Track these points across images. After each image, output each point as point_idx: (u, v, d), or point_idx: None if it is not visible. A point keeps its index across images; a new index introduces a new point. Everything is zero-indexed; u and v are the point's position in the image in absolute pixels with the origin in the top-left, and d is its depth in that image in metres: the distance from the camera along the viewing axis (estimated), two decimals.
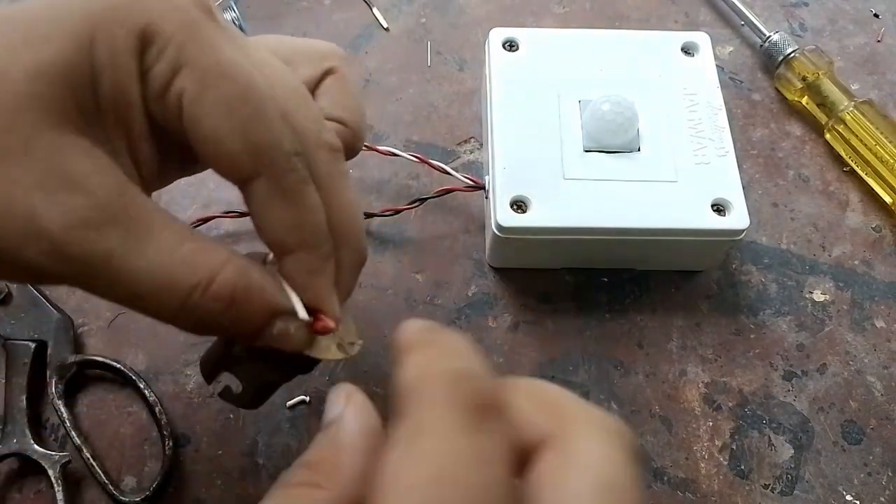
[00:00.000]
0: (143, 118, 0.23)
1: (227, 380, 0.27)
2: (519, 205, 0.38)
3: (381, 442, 0.18)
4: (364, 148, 0.41)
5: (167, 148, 0.24)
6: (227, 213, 0.41)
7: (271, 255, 0.25)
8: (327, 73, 0.28)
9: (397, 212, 0.42)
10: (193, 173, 0.29)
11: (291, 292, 0.25)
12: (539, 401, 0.18)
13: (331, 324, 0.25)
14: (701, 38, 0.44)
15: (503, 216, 0.37)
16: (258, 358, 0.26)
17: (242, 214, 0.41)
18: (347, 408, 0.19)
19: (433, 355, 0.18)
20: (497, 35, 0.43)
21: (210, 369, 0.27)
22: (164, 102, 0.22)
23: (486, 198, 0.41)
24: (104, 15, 0.21)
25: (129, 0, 0.22)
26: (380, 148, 0.42)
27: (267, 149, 0.23)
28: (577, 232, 0.38)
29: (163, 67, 0.22)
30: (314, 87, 0.28)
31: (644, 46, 0.43)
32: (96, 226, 0.21)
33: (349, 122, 0.28)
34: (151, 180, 0.25)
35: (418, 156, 0.42)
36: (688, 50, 0.43)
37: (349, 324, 0.29)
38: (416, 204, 0.42)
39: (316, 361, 0.27)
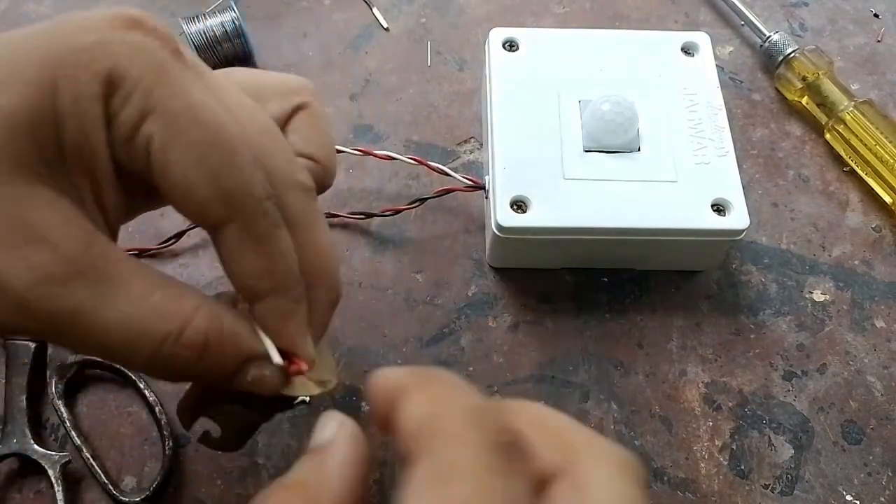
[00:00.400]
0: (109, 164, 0.22)
1: (206, 424, 0.27)
2: (519, 205, 0.38)
3: (368, 474, 0.18)
4: (360, 152, 0.42)
5: (134, 189, 0.24)
6: None
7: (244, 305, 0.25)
8: (298, 108, 0.28)
9: (397, 212, 0.42)
10: (160, 207, 0.28)
11: (264, 336, 0.24)
12: (546, 431, 0.18)
13: (304, 366, 0.25)
14: (701, 38, 0.44)
15: (503, 216, 0.37)
16: (236, 400, 0.26)
17: None
18: (339, 434, 0.19)
19: (439, 392, 0.18)
20: (497, 35, 0.43)
21: (188, 415, 0.27)
22: (131, 148, 0.21)
23: (486, 198, 0.41)
24: (67, 59, 0.20)
25: (93, 43, 0.21)
26: (377, 152, 0.42)
27: (238, 195, 0.22)
28: (577, 232, 0.38)
29: (130, 113, 0.21)
30: (284, 123, 0.28)
31: (644, 46, 0.43)
32: (62, 281, 0.20)
33: (320, 160, 0.28)
34: (118, 222, 0.24)
35: (416, 158, 0.42)
36: (688, 50, 0.43)
37: (327, 358, 0.28)
38: (416, 204, 0.42)
39: (295, 398, 0.27)
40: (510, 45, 0.43)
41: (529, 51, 0.43)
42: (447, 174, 0.41)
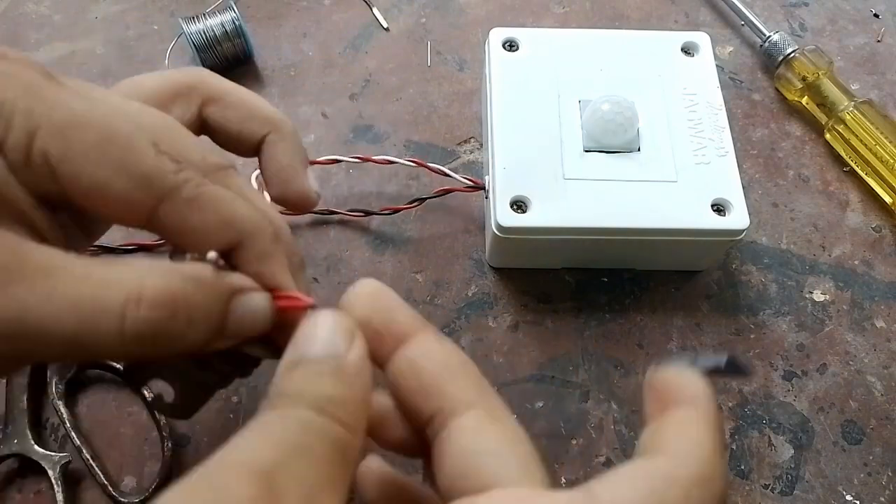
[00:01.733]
0: (22, 193, 0.21)
1: (158, 388, 0.25)
2: (519, 205, 0.38)
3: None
4: (359, 159, 0.42)
5: (73, 215, 0.23)
6: None
7: (211, 253, 0.23)
8: (204, 106, 0.27)
9: (396, 211, 0.42)
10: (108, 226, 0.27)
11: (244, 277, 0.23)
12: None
13: (307, 299, 0.24)
14: (701, 38, 0.44)
15: (503, 216, 0.37)
16: (192, 362, 0.25)
17: None
18: (354, 344, 0.21)
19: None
20: (497, 35, 0.43)
21: (138, 373, 0.25)
22: (33, 171, 0.21)
23: (486, 198, 0.41)
24: None
25: None
26: (376, 158, 0.42)
27: (154, 174, 0.22)
28: (577, 232, 0.38)
29: (17, 137, 0.21)
30: (205, 130, 0.27)
31: (644, 46, 0.43)
32: None
33: (270, 126, 0.28)
34: (69, 242, 0.24)
35: (416, 161, 0.41)
36: (688, 50, 0.43)
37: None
38: (415, 203, 0.42)
39: (255, 363, 0.26)
40: (510, 45, 0.43)
41: (529, 51, 0.43)
42: (447, 175, 0.41)
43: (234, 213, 0.23)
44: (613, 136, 0.39)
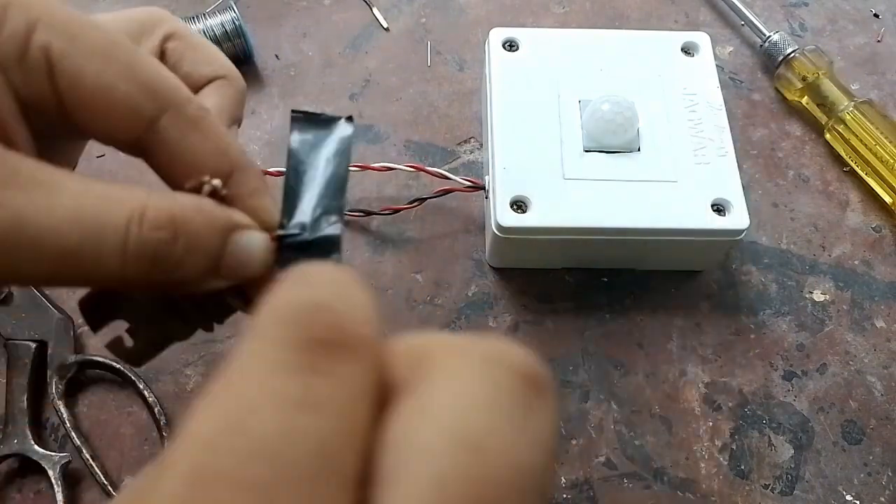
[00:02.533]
0: (6, 94, 0.20)
1: (115, 331, 0.23)
2: (519, 205, 0.38)
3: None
4: (359, 167, 0.42)
5: (42, 125, 0.22)
6: None
7: (207, 186, 0.22)
8: (165, 41, 0.26)
9: (396, 211, 0.42)
10: (81, 140, 0.26)
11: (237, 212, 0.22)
12: (411, 348, 0.15)
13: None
14: (701, 38, 0.44)
15: (503, 216, 0.37)
16: (156, 298, 0.23)
17: None
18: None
19: (293, 287, 0.14)
20: (497, 35, 0.43)
21: (98, 312, 0.23)
22: (25, 66, 0.20)
23: (486, 198, 0.41)
24: None
25: None
26: (374, 165, 0.41)
27: (160, 82, 0.21)
28: (577, 232, 0.38)
29: (13, 27, 0.19)
30: (161, 55, 0.26)
31: (644, 46, 0.43)
32: None
33: (222, 72, 0.26)
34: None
35: (414, 166, 0.41)
36: (688, 50, 0.43)
37: None
38: (415, 203, 0.42)
39: (221, 318, 0.24)
40: (510, 45, 0.43)
41: (529, 51, 0.43)
42: (446, 177, 0.41)
43: (228, 143, 0.22)
44: (613, 136, 0.39)
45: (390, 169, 0.42)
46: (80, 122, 0.21)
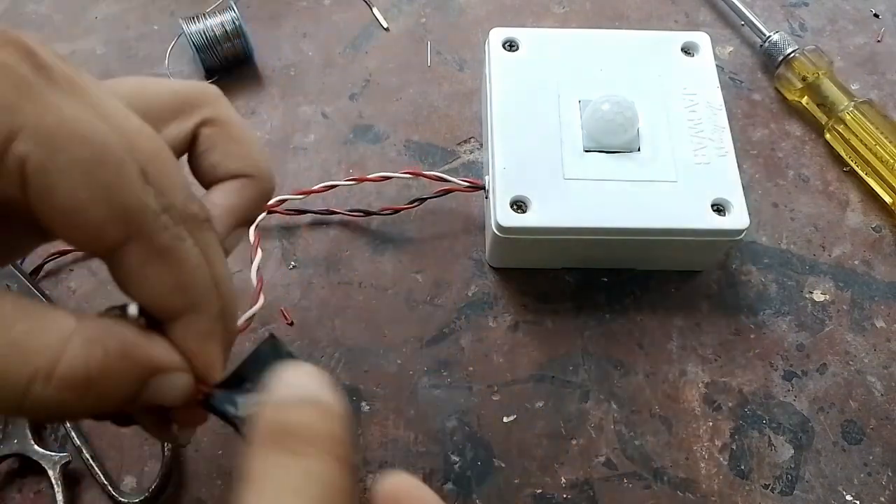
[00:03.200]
0: None
1: None
2: (519, 205, 0.38)
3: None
4: (355, 181, 0.41)
5: (8, 218, 0.21)
6: None
7: (133, 307, 0.21)
8: (202, 125, 0.24)
9: (396, 211, 0.42)
10: (39, 244, 0.24)
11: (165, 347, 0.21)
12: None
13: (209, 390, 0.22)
14: (701, 38, 0.44)
15: (503, 216, 0.37)
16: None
17: None
18: (329, 392, 0.19)
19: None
20: (497, 35, 0.43)
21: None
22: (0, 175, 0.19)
23: (487, 198, 0.41)
24: None
25: None
26: (370, 176, 0.41)
27: (136, 209, 0.19)
28: (577, 232, 0.38)
29: None
30: (190, 146, 0.25)
31: (644, 46, 0.43)
32: None
33: (251, 172, 0.25)
34: None
35: (412, 171, 0.41)
36: (688, 50, 0.43)
37: None
38: (415, 203, 0.42)
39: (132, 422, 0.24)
40: (510, 45, 0.43)
41: (529, 51, 0.43)
42: (444, 180, 0.41)
43: (193, 280, 0.21)
44: (613, 136, 0.39)
45: (387, 178, 0.41)
46: (46, 227, 0.20)
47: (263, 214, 0.41)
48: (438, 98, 0.47)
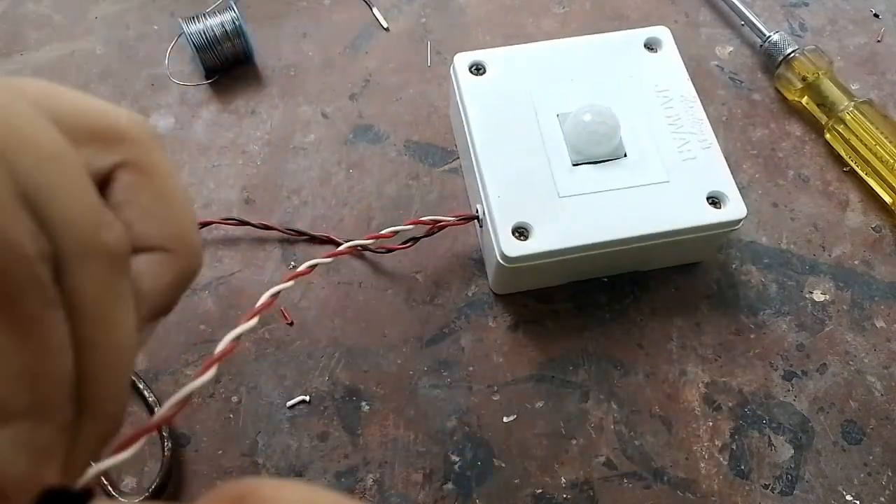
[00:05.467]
0: None
1: None
2: (521, 231, 0.37)
3: None
4: (348, 244, 0.37)
5: None
6: (226, 221, 0.41)
7: None
8: (121, 166, 0.18)
9: (390, 250, 0.41)
10: None
11: None
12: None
13: None
14: (661, 33, 0.43)
15: (507, 246, 0.36)
16: None
17: (242, 223, 0.41)
18: None
19: None
20: (462, 60, 0.41)
21: None
22: None
23: (480, 227, 0.40)
24: None
25: None
26: (340, 249, 0.37)
27: (9, 248, 0.14)
28: (582, 250, 0.37)
29: None
30: (102, 186, 0.18)
31: (609, 49, 0.43)
32: None
33: (171, 244, 0.19)
34: None
35: (413, 221, 0.39)
36: (651, 46, 0.43)
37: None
38: (409, 244, 0.40)
39: None
40: (477, 69, 0.41)
41: (497, 71, 0.41)
42: (438, 221, 0.39)
43: (44, 371, 0.15)
44: (598, 145, 0.38)
45: (395, 233, 0.38)
46: None
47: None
48: (438, 98, 0.47)
